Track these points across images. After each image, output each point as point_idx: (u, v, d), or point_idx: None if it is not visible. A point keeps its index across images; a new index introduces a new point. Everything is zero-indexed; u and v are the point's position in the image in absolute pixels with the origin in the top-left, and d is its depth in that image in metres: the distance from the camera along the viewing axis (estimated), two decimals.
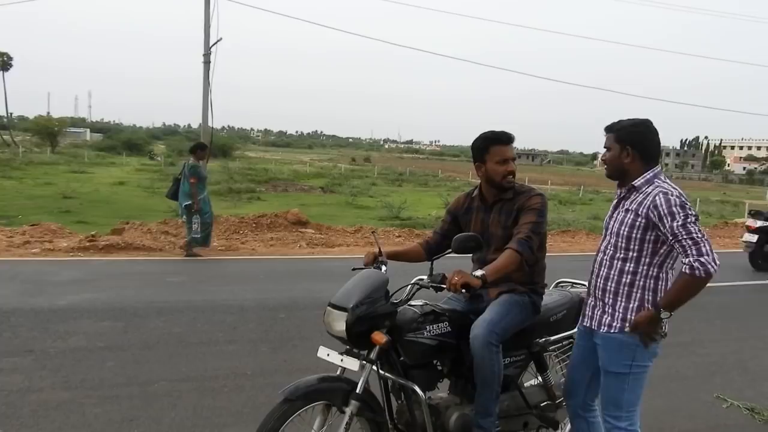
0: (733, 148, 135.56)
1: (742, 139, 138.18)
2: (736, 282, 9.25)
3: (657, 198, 2.53)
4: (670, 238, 2.50)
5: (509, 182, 3.08)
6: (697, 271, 2.41)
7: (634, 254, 2.63)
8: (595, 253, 2.87)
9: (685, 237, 2.45)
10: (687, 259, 2.45)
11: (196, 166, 9.66)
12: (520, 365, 3.20)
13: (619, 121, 2.72)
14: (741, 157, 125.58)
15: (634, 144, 2.65)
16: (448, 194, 26.85)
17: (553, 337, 3.28)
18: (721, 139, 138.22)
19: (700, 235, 2.44)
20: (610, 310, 2.70)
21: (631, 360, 2.65)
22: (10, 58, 68.48)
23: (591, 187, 43.06)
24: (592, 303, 2.81)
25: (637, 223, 2.59)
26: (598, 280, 2.77)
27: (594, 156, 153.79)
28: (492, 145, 3.07)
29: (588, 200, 33.43)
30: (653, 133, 2.68)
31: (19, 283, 7.29)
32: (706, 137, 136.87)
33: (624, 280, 2.66)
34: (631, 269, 2.65)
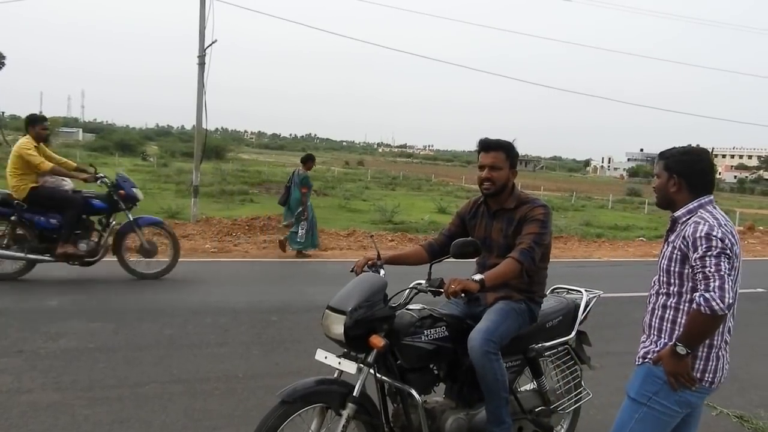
0: (724, 156, 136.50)
1: (734, 147, 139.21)
2: None
3: (688, 228, 2.43)
4: (691, 269, 2.41)
5: (485, 189, 3.12)
6: (701, 307, 2.30)
7: (675, 288, 2.51)
8: None
9: (699, 270, 2.34)
10: (696, 294, 2.36)
11: (306, 176, 10.43)
12: (515, 370, 3.22)
13: (672, 149, 2.62)
14: (732, 166, 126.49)
15: (681, 173, 2.54)
16: (441, 199, 26.87)
17: (548, 343, 3.31)
18: (713, 148, 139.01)
19: (713, 270, 2.31)
20: (652, 347, 2.57)
21: (652, 393, 2.50)
22: (3, 57, 67.91)
23: (583, 193, 43.25)
24: (643, 339, 2.67)
25: (674, 256, 2.48)
26: (646, 315, 2.67)
27: (587, 163, 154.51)
28: (479, 152, 3.14)
29: (580, 207, 33.55)
30: (704, 162, 2.57)
31: (8, 283, 7.21)
32: (698, 145, 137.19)
33: (666, 316, 2.54)
34: (672, 305, 2.52)
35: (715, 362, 2.49)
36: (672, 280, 2.51)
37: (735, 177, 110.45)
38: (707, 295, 2.30)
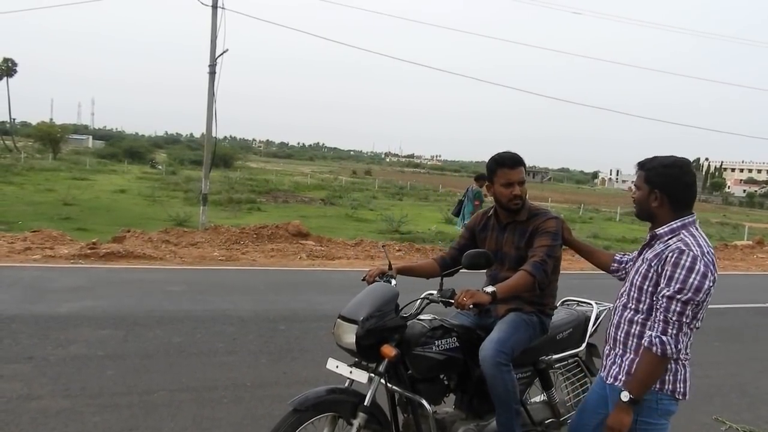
0: (733, 170, 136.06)
1: (743, 161, 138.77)
2: (735, 304, 9.24)
3: (671, 254, 2.32)
4: (656, 299, 2.36)
5: (515, 205, 3.10)
6: (654, 347, 2.29)
7: (645, 306, 2.43)
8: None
9: (662, 310, 2.30)
10: (650, 332, 2.33)
11: (479, 191, 12.03)
12: (525, 382, 3.21)
13: (653, 159, 2.46)
14: (741, 180, 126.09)
15: (663, 188, 2.40)
16: (448, 209, 26.89)
17: (558, 355, 3.30)
18: (722, 161, 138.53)
19: (675, 318, 2.28)
20: (618, 361, 2.52)
21: (636, 415, 2.40)
22: (15, 64, 68.90)
23: (591, 205, 43.20)
24: (606, 351, 2.62)
25: (649, 275, 2.39)
26: (611, 327, 2.61)
27: (595, 174, 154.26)
28: (499, 168, 3.11)
29: (588, 219, 33.50)
30: (688, 176, 2.41)
31: (19, 290, 7.27)
32: (706, 159, 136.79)
33: (633, 330, 2.47)
34: (640, 320, 2.45)
35: (684, 372, 2.44)
36: (643, 298, 2.44)
37: (744, 191, 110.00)
38: (664, 338, 2.29)
